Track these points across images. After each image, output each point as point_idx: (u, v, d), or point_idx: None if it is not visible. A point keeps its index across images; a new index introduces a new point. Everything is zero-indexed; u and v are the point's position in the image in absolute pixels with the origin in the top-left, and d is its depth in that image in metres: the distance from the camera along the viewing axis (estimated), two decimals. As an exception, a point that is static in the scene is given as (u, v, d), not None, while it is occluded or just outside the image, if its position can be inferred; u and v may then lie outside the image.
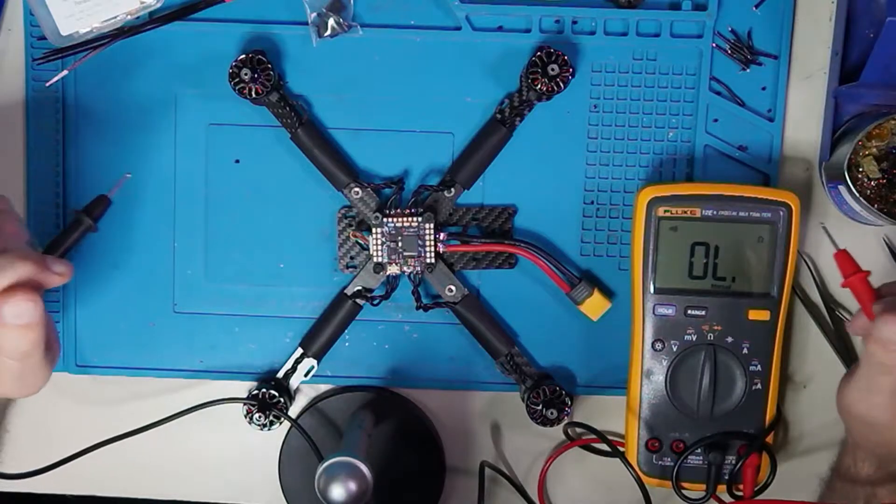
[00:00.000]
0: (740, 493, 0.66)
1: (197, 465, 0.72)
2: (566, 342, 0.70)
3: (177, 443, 0.71)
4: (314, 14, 0.66)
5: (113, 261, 0.69)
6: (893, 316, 0.56)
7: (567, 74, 0.65)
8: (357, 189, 0.67)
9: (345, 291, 0.68)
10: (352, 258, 0.69)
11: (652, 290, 0.65)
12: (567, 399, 0.68)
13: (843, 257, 0.59)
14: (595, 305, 0.68)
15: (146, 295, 0.69)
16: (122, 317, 0.69)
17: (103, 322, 0.69)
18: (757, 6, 0.67)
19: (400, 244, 0.67)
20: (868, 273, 0.59)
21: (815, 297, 0.69)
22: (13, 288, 0.52)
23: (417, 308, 0.68)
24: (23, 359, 0.54)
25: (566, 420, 0.68)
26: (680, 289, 0.65)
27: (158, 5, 0.66)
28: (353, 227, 0.68)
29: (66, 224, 0.67)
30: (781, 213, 0.64)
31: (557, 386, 0.68)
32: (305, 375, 0.69)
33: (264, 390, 0.68)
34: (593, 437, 0.68)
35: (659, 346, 0.66)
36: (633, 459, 0.67)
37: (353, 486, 0.56)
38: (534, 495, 0.71)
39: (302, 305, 0.69)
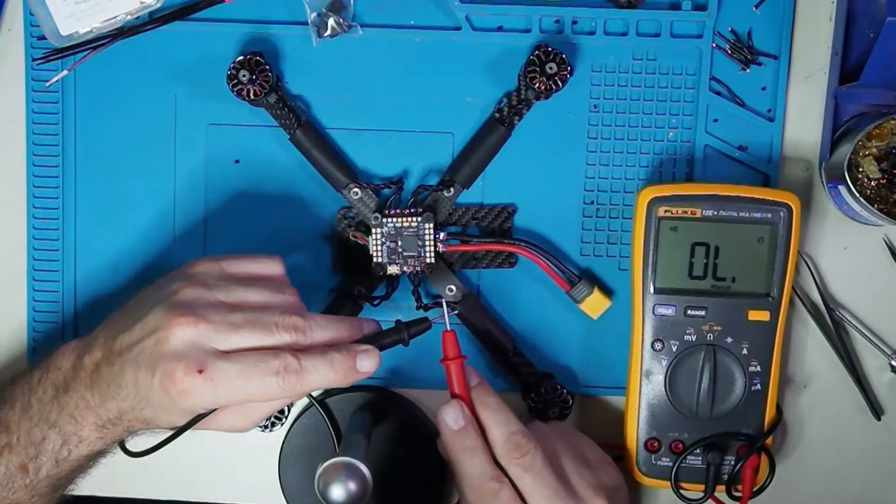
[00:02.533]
0: (739, 494, 0.66)
1: (197, 465, 0.72)
2: (567, 341, 0.70)
3: (176, 443, 0.71)
4: (314, 14, 0.66)
5: (113, 262, 0.69)
6: (455, 402, 0.58)
7: (565, 73, 0.65)
8: (356, 190, 0.67)
9: (345, 292, 0.68)
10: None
11: (652, 290, 0.65)
12: (568, 398, 0.68)
13: (450, 338, 0.59)
14: (595, 304, 0.68)
15: (146, 295, 0.69)
16: (123, 317, 0.69)
17: (104, 322, 0.69)
18: (757, 6, 0.67)
19: (399, 244, 0.67)
20: (465, 358, 0.59)
21: (815, 297, 0.69)
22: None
23: (417, 308, 0.68)
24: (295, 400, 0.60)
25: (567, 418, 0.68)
26: (680, 289, 0.65)
27: (158, 5, 0.66)
28: (353, 228, 0.68)
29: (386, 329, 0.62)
30: (781, 213, 0.64)
31: (558, 385, 0.68)
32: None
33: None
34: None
35: (658, 346, 0.66)
36: (632, 459, 0.67)
37: (353, 486, 0.56)
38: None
39: (302, 305, 0.69)
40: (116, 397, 0.56)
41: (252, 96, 0.65)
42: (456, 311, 0.59)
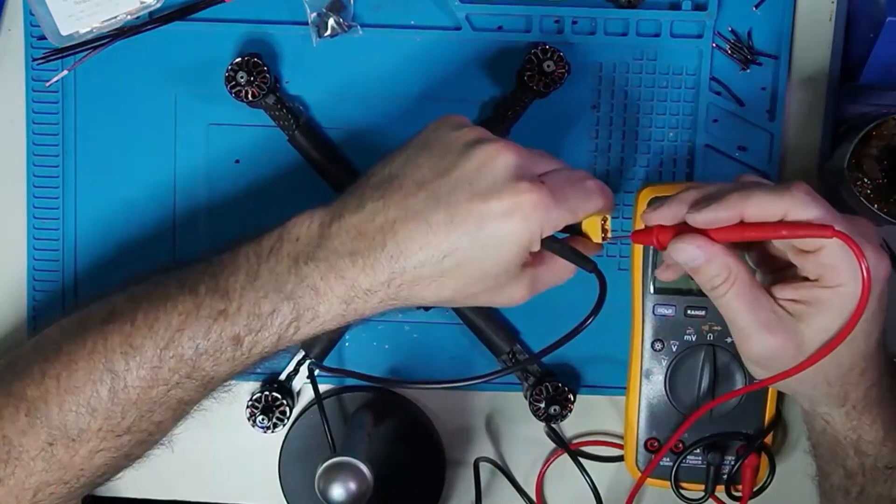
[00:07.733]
0: (739, 494, 0.66)
1: (197, 465, 0.72)
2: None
3: (177, 443, 0.71)
4: (314, 14, 0.66)
5: (113, 261, 0.69)
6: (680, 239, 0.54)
7: (563, 71, 0.65)
8: (357, 189, 0.67)
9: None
10: (352, 258, 0.69)
11: (652, 290, 0.65)
12: (570, 395, 0.68)
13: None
14: (591, 225, 0.63)
15: (147, 295, 0.69)
16: (123, 317, 0.69)
17: (104, 322, 0.69)
18: (757, 6, 0.67)
19: (400, 244, 0.67)
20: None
21: (815, 296, 0.69)
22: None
23: (418, 308, 0.68)
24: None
25: (569, 416, 0.68)
26: (680, 289, 0.65)
27: (158, 5, 0.66)
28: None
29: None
30: (781, 213, 0.64)
31: (560, 382, 0.68)
32: (307, 377, 0.69)
33: (267, 393, 0.68)
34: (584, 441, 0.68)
35: (658, 346, 0.66)
36: (631, 459, 0.67)
37: (353, 486, 0.56)
38: (533, 495, 0.71)
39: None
40: (396, 256, 0.51)
41: (250, 98, 0.65)
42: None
